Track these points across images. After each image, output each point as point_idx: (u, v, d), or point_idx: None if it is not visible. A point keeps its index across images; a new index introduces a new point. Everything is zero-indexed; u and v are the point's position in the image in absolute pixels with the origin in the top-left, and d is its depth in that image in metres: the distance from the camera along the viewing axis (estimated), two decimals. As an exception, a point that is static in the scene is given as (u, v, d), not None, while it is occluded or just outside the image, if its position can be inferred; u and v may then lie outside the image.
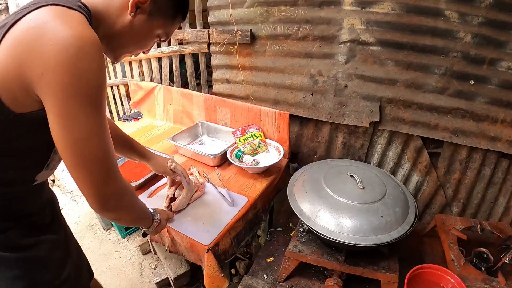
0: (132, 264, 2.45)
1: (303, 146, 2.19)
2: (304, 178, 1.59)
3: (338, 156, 2.11)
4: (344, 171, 1.55)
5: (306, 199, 1.47)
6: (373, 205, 1.38)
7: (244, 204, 1.61)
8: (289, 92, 2.07)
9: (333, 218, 1.36)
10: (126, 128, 2.48)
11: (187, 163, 1.98)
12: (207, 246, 1.38)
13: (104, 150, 0.80)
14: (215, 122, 2.24)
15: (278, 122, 1.95)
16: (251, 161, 1.82)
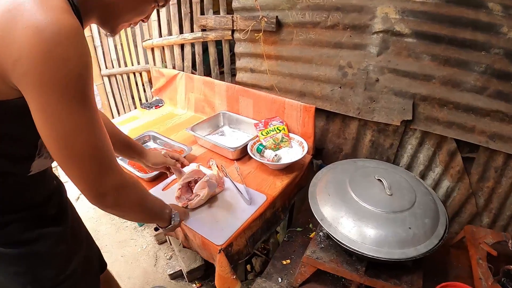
0: (147, 253, 2.41)
1: (329, 142, 2.06)
2: (327, 179, 1.47)
3: (365, 155, 1.97)
4: (371, 174, 1.41)
5: (329, 203, 1.35)
6: (401, 215, 1.24)
7: (262, 202, 1.51)
8: (316, 84, 1.93)
9: (356, 227, 1.24)
10: (146, 116, 2.43)
11: (206, 155, 1.89)
12: (219, 247, 1.30)
13: (94, 145, 0.75)
14: (237, 112, 2.14)
15: (303, 115, 1.82)
16: (273, 156, 1.71)
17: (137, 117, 2.43)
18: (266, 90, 2.09)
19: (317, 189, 1.45)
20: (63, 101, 0.66)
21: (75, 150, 0.72)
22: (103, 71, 3.11)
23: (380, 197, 1.30)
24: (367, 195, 1.32)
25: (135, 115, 2.48)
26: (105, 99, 3.23)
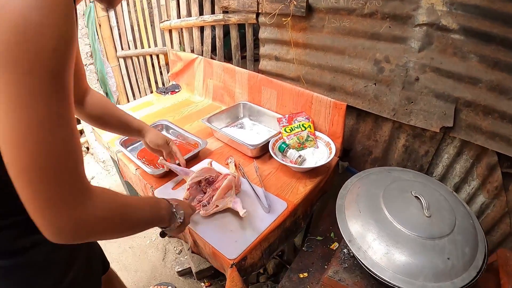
0: (156, 246, 2.31)
1: (357, 143, 1.86)
2: (358, 191, 1.27)
3: (397, 161, 1.77)
4: (407, 189, 1.21)
5: (359, 221, 1.15)
6: (439, 242, 1.05)
7: (282, 211, 1.34)
8: (348, 78, 1.73)
9: (389, 253, 1.05)
10: (161, 102, 2.27)
11: (223, 150, 1.73)
12: (232, 261, 1.14)
13: (52, 152, 0.53)
14: (259, 104, 1.95)
15: (332, 113, 1.63)
16: (296, 157, 1.53)
17: (151, 103, 2.27)
18: (292, 82, 1.89)
19: (346, 202, 1.26)
20: (24, 82, 0.48)
21: (23, 156, 0.50)
22: (118, 53, 2.99)
23: (418, 218, 1.11)
24: (403, 215, 1.12)
25: (150, 100, 2.32)
26: (120, 82, 3.11)
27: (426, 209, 1.11)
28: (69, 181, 0.56)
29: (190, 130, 1.85)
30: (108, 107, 1.22)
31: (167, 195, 1.37)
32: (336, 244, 1.55)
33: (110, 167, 3.04)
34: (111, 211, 0.67)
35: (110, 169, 3.04)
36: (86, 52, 3.02)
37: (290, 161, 1.55)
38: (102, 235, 0.71)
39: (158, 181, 1.49)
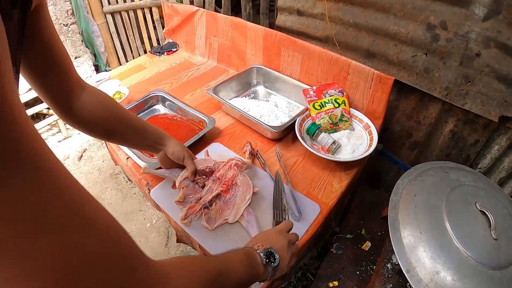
0: (158, 229, 2.05)
1: (395, 122, 1.52)
2: (415, 200, 0.95)
3: (441, 148, 1.44)
4: (471, 200, 0.91)
5: (420, 247, 0.85)
6: (506, 272, 0.80)
7: (315, 216, 1.03)
8: (392, 43, 1.35)
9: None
10: (156, 65, 1.87)
11: (234, 128, 1.38)
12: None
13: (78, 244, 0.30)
14: (277, 69, 1.56)
15: (374, 88, 1.26)
16: (330, 144, 1.19)
17: (144, 67, 1.87)
18: (318, 43, 1.51)
19: (401, 215, 0.93)
20: None
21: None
22: (105, 8, 2.60)
23: (485, 242, 0.84)
24: (470, 238, 0.84)
25: (142, 63, 1.91)
26: (109, 41, 2.74)
27: (494, 229, 0.84)
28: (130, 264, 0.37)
29: (192, 102, 1.50)
30: (114, 109, 0.86)
31: (167, 197, 1.06)
32: (369, 244, 1.29)
33: None
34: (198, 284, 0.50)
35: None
36: (67, 10, 2.55)
37: (322, 148, 1.21)
38: None
39: (154, 176, 1.14)
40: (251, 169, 1.16)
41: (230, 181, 1.05)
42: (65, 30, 2.53)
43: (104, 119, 0.83)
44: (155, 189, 1.11)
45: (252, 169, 1.16)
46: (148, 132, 0.95)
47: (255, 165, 1.18)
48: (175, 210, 1.03)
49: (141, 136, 0.94)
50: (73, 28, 2.62)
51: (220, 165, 1.09)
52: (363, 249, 1.28)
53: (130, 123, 0.90)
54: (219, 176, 1.06)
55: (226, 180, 1.05)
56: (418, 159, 1.54)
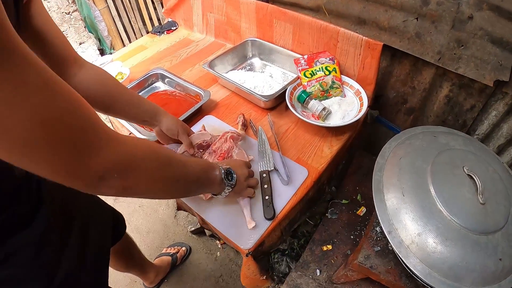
0: (167, 202, 2.13)
1: (390, 88, 1.52)
2: (400, 163, 0.96)
3: (437, 113, 1.43)
4: (459, 163, 0.91)
5: (402, 208, 0.86)
6: (493, 238, 0.80)
7: (303, 180, 1.07)
8: (383, 9, 1.33)
9: (436, 253, 0.79)
10: (157, 44, 1.90)
11: (230, 100, 1.42)
12: (247, 251, 0.91)
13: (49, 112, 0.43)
14: (271, 41, 1.58)
15: (363, 54, 1.27)
16: (320, 110, 1.22)
17: (145, 47, 1.90)
18: (311, 13, 1.51)
19: (385, 177, 0.95)
20: None
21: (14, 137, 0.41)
22: None
23: (471, 206, 0.83)
24: (455, 202, 0.84)
25: (144, 43, 1.94)
26: (111, 25, 2.75)
27: (481, 194, 0.83)
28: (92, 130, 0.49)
29: (190, 77, 1.54)
30: (111, 85, 0.93)
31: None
32: (364, 209, 1.32)
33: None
34: (149, 154, 0.61)
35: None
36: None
37: (312, 115, 1.24)
38: (137, 189, 0.60)
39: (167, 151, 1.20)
40: (245, 140, 1.20)
41: (226, 153, 1.08)
42: (68, 18, 2.56)
43: (101, 95, 0.90)
44: None
45: (246, 139, 1.21)
46: (143, 108, 1.01)
47: (248, 135, 1.22)
48: None
49: (137, 111, 0.99)
50: (76, 16, 2.64)
51: (216, 138, 1.13)
52: (358, 214, 1.31)
53: (127, 99, 0.96)
54: (215, 149, 1.10)
55: (222, 152, 1.09)
56: (414, 125, 1.54)
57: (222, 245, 1.85)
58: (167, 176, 0.66)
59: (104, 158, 0.49)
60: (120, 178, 0.52)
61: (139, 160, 0.57)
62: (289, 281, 1.18)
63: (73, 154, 0.46)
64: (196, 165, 0.77)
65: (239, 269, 1.77)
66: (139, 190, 0.60)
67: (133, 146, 0.57)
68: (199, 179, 0.78)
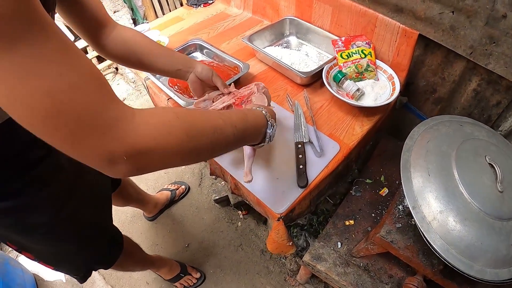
0: (192, 170, 2.27)
1: (421, 77, 1.61)
2: (427, 146, 1.05)
3: (463, 106, 1.51)
4: (481, 152, 1.00)
5: (427, 187, 0.96)
6: (507, 224, 0.89)
7: (335, 154, 1.16)
8: (420, 0, 1.45)
9: (455, 231, 0.88)
10: (193, 16, 1.99)
11: (266, 74, 1.52)
12: (279, 215, 1.02)
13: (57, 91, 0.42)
14: (309, 21, 1.65)
15: (399, 41, 1.35)
16: (354, 91, 1.32)
17: (181, 18, 1.99)
18: (349, -5, 1.61)
19: (413, 158, 1.04)
20: None
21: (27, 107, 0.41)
22: None
23: (489, 192, 0.92)
24: (476, 186, 0.93)
25: (180, 15, 2.03)
26: None
27: (500, 182, 0.92)
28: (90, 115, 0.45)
29: (227, 50, 1.62)
30: (142, 41, 1.00)
31: None
32: (386, 190, 1.42)
33: (141, 87, 2.90)
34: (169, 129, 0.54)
35: (142, 89, 2.91)
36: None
37: (346, 94, 1.35)
38: (163, 160, 0.55)
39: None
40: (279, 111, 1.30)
41: (245, 97, 1.10)
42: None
43: (134, 50, 0.99)
44: None
45: (279, 110, 1.31)
46: (175, 57, 1.06)
47: (284, 107, 1.35)
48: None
49: (170, 60, 1.05)
50: (110, -16, 2.76)
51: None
52: (380, 194, 1.41)
53: (159, 52, 1.02)
54: (235, 93, 1.13)
55: (241, 95, 1.11)
56: (441, 115, 1.65)
57: (243, 216, 1.98)
58: (187, 148, 0.57)
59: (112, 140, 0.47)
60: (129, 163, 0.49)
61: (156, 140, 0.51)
62: (312, 250, 1.30)
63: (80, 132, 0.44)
64: (231, 125, 0.67)
65: (258, 240, 1.90)
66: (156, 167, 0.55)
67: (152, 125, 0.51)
68: (233, 142, 0.70)
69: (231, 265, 1.83)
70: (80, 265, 1.13)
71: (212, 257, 1.87)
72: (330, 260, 1.28)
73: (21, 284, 1.73)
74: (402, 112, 1.72)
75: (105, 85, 0.48)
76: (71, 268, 1.12)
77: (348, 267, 1.27)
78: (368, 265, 1.27)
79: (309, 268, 1.33)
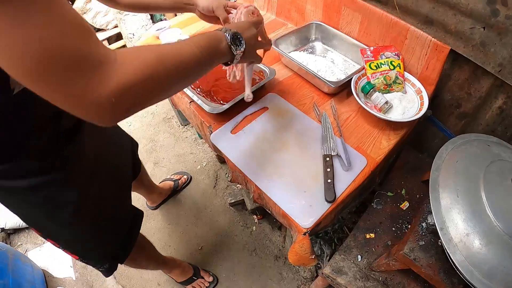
0: (207, 172, 2.30)
1: (446, 91, 1.62)
2: (456, 166, 1.08)
3: (487, 122, 1.52)
4: (508, 175, 1.02)
5: (455, 209, 0.98)
6: None
7: (362, 168, 1.18)
8: (451, 13, 1.42)
9: (480, 254, 0.91)
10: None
11: (293, 80, 1.53)
12: (306, 229, 1.05)
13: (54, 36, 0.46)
14: (336, 27, 1.66)
15: (429, 55, 1.36)
16: (383, 103, 1.34)
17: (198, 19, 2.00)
18: (379, 5, 1.62)
19: (442, 177, 1.07)
20: None
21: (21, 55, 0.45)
22: None
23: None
24: (502, 209, 0.95)
25: (199, 14, 2.05)
26: None
27: None
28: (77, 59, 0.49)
29: None
30: None
31: (226, 140, 1.27)
32: (407, 204, 1.44)
33: None
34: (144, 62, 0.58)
35: None
36: None
37: (374, 106, 1.37)
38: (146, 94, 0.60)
39: (216, 118, 1.36)
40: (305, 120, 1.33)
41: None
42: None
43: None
44: (216, 133, 1.30)
45: (306, 119, 1.33)
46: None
47: (310, 116, 1.36)
48: (233, 153, 1.23)
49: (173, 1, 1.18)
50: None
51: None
52: (401, 208, 1.43)
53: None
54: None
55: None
56: (464, 130, 1.63)
57: (258, 220, 2.02)
58: (164, 75, 0.63)
59: (99, 83, 0.50)
60: (117, 103, 0.53)
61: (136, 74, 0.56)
62: (333, 263, 1.33)
63: (69, 77, 0.48)
64: (196, 46, 0.73)
65: (272, 245, 1.93)
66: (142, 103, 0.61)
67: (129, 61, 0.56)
68: (202, 60, 0.74)
69: (245, 270, 1.87)
70: (105, 252, 1.18)
71: (225, 260, 1.91)
72: (351, 273, 1.31)
73: (31, 281, 1.76)
74: (425, 125, 1.74)
75: (90, 32, 0.52)
76: (97, 257, 1.17)
77: (368, 281, 1.30)
78: (387, 280, 1.30)
79: (328, 280, 1.36)
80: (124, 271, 1.91)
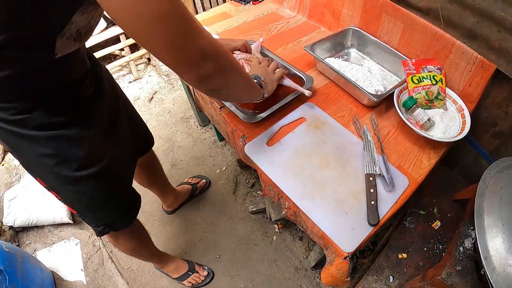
0: (227, 176, 2.29)
1: (483, 108, 1.60)
2: (501, 193, 1.08)
3: None
4: None
5: (500, 237, 0.99)
6: None
7: (404, 189, 1.17)
8: (496, 29, 1.40)
9: None
10: (242, 14, 2.01)
11: (329, 89, 1.52)
12: (347, 254, 1.04)
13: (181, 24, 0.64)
14: (374, 34, 1.64)
15: (474, 72, 1.35)
16: (425, 120, 1.33)
17: (229, 14, 2.00)
18: (419, 14, 1.61)
19: (486, 204, 1.07)
20: None
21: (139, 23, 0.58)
22: None
23: None
24: None
25: (227, 10, 2.04)
26: None
27: None
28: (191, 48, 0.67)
29: (284, 56, 1.61)
30: None
31: (262, 153, 1.27)
32: (438, 223, 1.45)
33: (175, 81, 2.91)
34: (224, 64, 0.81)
35: (174, 83, 2.92)
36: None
37: (416, 123, 1.36)
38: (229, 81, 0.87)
39: (250, 127, 1.34)
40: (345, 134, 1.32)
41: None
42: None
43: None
44: (250, 144, 1.29)
45: (345, 133, 1.32)
46: None
47: (350, 130, 1.35)
48: (269, 167, 1.23)
49: None
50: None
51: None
52: (433, 227, 1.43)
53: None
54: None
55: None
56: (499, 150, 1.63)
57: (279, 229, 2.02)
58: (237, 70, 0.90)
59: (204, 39, 0.68)
60: (214, 59, 0.73)
61: (223, 57, 0.79)
62: (365, 284, 1.33)
63: (181, 33, 0.64)
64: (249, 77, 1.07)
65: (293, 256, 1.93)
66: (229, 82, 0.87)
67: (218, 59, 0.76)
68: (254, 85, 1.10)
69: (264, 281, 1.87)
70: (102, 215, 1.21)
71: (244, 270, 1.91)
72: (383, 295, 1.31)
73: (40, 284, 1.76)
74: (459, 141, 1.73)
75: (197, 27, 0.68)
76: (94, 217, 1.21)
77: (400, 303, 1.30)
78: (418, 303, 1.30)
79: (360, 301, 1.35)
80: (137, 277, 1.91)
